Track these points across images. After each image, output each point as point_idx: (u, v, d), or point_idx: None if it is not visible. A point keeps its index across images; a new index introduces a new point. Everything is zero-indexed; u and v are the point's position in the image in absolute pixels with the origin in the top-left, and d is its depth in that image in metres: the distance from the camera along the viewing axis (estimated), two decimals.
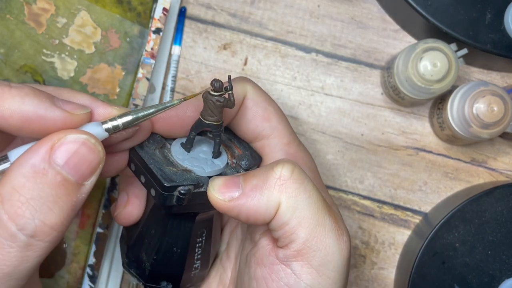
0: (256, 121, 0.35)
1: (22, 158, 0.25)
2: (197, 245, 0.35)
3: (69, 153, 0.26)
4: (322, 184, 0.36)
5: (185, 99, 0.30)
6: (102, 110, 0.29)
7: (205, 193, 0.30)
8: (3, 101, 0.26)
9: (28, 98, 0.26)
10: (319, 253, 0.29)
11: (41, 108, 0.26)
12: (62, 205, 0.25)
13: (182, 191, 0.30)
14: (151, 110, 0.29)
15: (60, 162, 0.25)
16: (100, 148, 0.27)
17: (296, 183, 0.29)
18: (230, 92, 0.31)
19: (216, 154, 0.33)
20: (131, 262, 0.36)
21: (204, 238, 0.35)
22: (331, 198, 0.35)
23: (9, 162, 0.27)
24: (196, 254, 0.35)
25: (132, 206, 0.36)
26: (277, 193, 0.29)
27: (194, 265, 0.35)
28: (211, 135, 0.33)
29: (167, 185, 0.29)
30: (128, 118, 0.28)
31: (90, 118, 0.28)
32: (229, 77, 0.30)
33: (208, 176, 0.32)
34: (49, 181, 0.25)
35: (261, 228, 0.32)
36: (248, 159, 0.34)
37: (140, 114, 0.29)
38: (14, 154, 0.27)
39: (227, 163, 0.34)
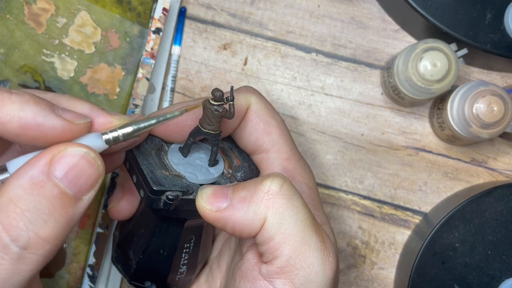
0: (256, 134, 0.34)
1: (21, 169, 0.25)
2: (185, 250, 0.35)
3: (68, 166, 0.26)
4: (317, 202, 0.35)
5: (186, 110, 0.30)
6: (102, 119, 0.29)
7: (194, 201, 0.30)
8: (2, 107, 0.26)
9: (28, 105, 0.26)
10: (302, 272, 0.28)
11: (40, 116, 0.26)
12: (58, 218, 0.25)
13: (170, 196, 0.29)
14: (152, 121, 0.29)
15: (59, 175, 0.25)
16: (100, 163, 0.27)
17: (284, 199, 0.29)
18: (231, 103, 0.30)
19: (212, 163, 0.33)
20: (119, 258, 0.36)
21: (192, 244, 0.35)
22: (325, 217, 0.35)
23: (7, 173, 0.27)
24: (182, 259, 0.35)
25: (126, 201, 0.36)
26: (263, 208, 0.28)
27: (180, 270, 0.35)
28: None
29: (155, 188, 0.29)
30: (129, 129, 0.28)
31: (90, 128, 0.28)
32: (232, 88, 0.30)
33: (200, 184, 0.31)
34: (46, 193, 0.25)
35: (250, 241, 0.32)
36: (244, 171, 0.34)
37: (141, 125, 0.28)
38: (13, 164, 0.27)
39: (223, 173, 0.33)
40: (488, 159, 0.49)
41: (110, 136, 0.28)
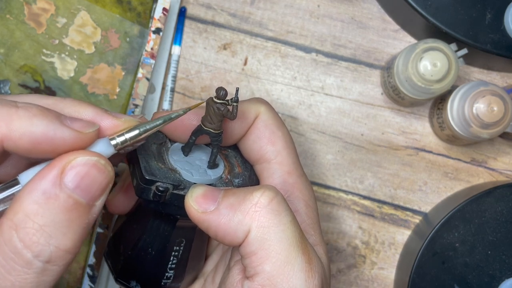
0: (261, 142, 0.34)
1: (33, 183, 0.25)
2: (174, 253, 0.34)
3: (79, 176, 0.25)
4: (314, 221, 0.34)
5: (190, 109, 0.30)
6: (108, 122, 0.29)
7: (184, 197, 0.30)
8: (12, 123, 0.25)
9: (37, 119, 0.26)
10: None
11: (51, 129, 0.26)
12: (75, 228, 0.25)
13: (160, 188, 0.29)
14: (158, 122, 0.29)
15: (71, 186, 0.25)
16: (110, 168, 0.27)
17: (271, 214, 0.28)
18: (235, 104, 0.30)
19: (211, 165, 0.33)
20: (110, 252, 0.36)
21: (182, 248, 0.34)
22: (321, 237, 0.34)
23: (20, 186, 0.27)
24: (170, 262, 0.34)
25: (123, 196, 0.36)
26: (248, 219, 0.28)
27: (167, 274, 0.35)
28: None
29: (147, 177, 0.29)
30: (135, 132, 0.28)
31: (98, 135, 0.28)
32: (237, 89, 0.30)
33: (194, 183, 0.31)
34: (61, 206, 0.25)
35: (238, 256, 0.31)
36: (243, 179, 0.34)
37: (147, 127, 0.28)
38: (24, 177, 0.27)
39: (221, 177, 0.33)
40: (488, 159, 0.49)
41: (118, 140, 0.28)
